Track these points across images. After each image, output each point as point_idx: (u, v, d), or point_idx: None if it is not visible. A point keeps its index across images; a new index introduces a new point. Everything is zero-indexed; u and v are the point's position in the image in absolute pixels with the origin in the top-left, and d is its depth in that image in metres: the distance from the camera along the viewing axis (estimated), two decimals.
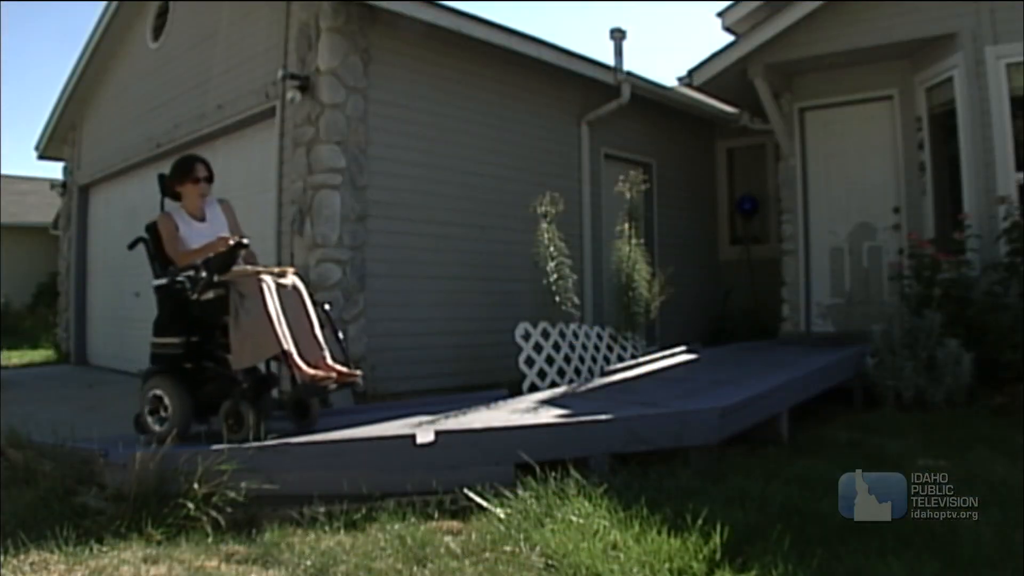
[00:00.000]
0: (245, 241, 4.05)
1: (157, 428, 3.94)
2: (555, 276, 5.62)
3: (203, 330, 4.07)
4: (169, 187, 4.29)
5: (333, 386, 3.94)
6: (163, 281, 4.03)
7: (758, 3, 7.15)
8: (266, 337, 3.76)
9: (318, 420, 4.17)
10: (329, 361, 3.99)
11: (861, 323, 6.83)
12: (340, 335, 4.24)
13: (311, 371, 3.84)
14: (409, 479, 3.34)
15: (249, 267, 4.07)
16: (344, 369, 4.00)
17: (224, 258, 3.96)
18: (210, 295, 3.92)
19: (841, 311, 7.36)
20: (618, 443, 3.72)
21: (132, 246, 4.26)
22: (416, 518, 3.06)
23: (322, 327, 4.08)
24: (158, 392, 3.99)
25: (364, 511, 3.14)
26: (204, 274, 3.88)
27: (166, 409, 3.96)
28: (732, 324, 8.82)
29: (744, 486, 3.32)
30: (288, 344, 3.80)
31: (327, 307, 4.25)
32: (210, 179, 4.29)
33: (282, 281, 4.02)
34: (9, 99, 34.97)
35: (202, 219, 4.24)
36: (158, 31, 8.22)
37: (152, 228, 4.19)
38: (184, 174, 4.23)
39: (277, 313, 3.83)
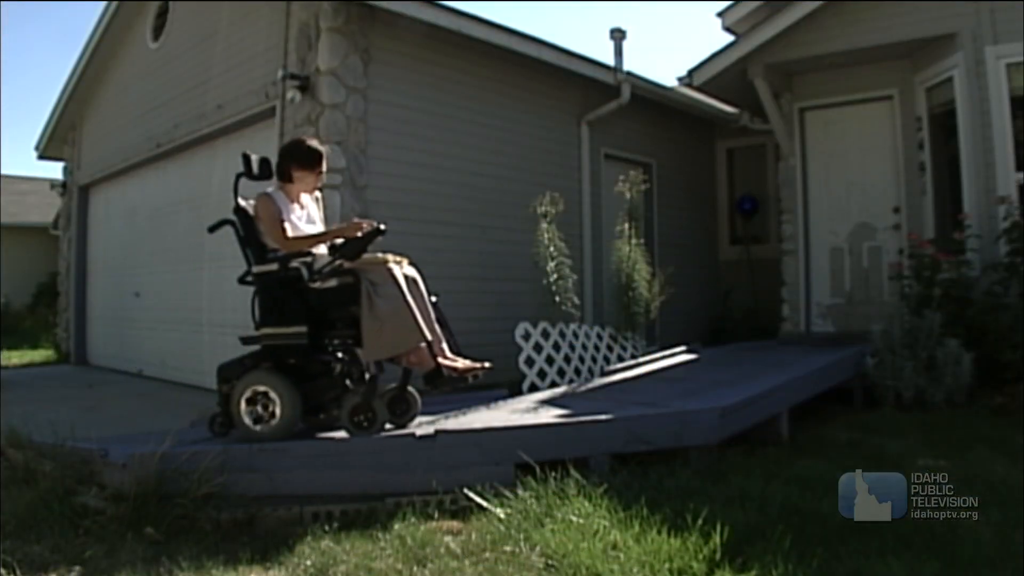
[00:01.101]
0: (383, 227, 3.80)
1: (258, 428, 3.67)
2: (555, 276, 5.62)
3: (318, 320, 3.76)
4: (284, 168, 3.97)
5: (471, 378, 3.76)
6: (271, 267, 3.74)
7: (758, 3, 7.15)
8: (405, 327, 3.56)
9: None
10: (448, 353, 3.81)
11: (861, 323, 6.83)
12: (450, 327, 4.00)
13: (455, 363, 3.70)
14: (409, 479, 3.34)
15: (379, 254, 3.87)
16: (474, 363, 3.80)
17: (358, 244, 3.72)
18: (333, 283, 3.70)
19: (841, 311, 7.36)
20: (618, 443, 3.73)
21: (214, 229, 3.96)
22: (416, 518, 3.07)
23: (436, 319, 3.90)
24: (261, 388, 3.67)
25: (364, 511, 3.14)
26: (328, 259, 3.70)
27: (267, 407, 3.67)
28: (732, 324, 8.81)
29: (744, 486, 3.33)
30: (430, 334, 3.62)
31: (434, 299, 3.98)
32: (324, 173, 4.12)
33: (404, 271, 3.84)
34: (9, 99, 34.95)
35: (301, 207, 4.01)
36: (158, 31, 8.22)
37: (244, 211, 3.88)
38: (313, 162, 3.96)
39: (415, 302, 3.63)
